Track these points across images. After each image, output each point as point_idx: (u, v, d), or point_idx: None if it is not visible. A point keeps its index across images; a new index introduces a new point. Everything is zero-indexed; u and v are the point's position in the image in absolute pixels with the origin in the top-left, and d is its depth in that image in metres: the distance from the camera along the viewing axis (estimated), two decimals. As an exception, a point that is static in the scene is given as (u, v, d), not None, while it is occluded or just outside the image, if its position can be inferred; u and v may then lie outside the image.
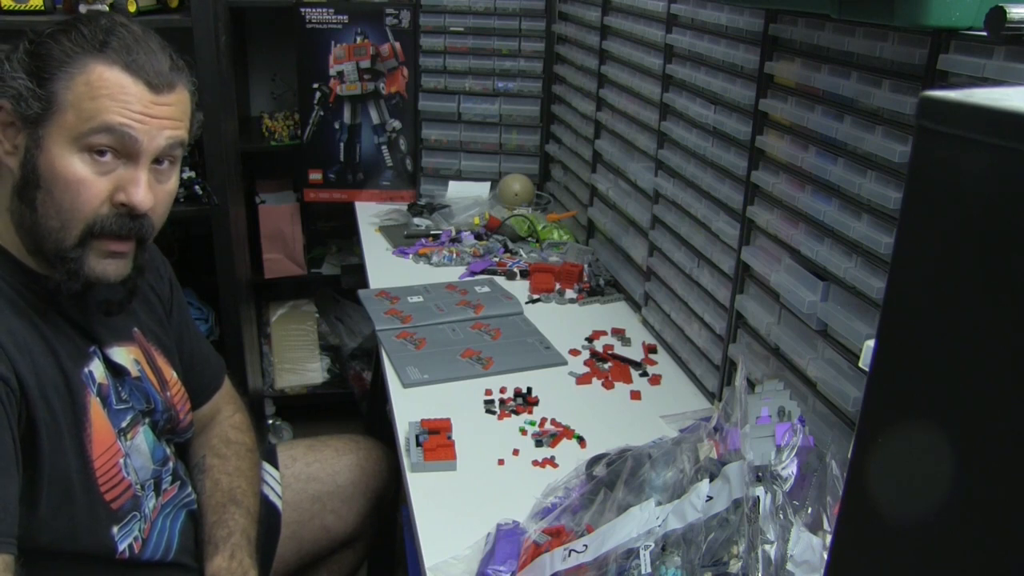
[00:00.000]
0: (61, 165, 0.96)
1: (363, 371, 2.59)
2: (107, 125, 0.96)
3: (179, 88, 1.03)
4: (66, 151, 0.96)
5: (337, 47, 2.27)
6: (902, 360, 0.46)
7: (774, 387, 1.14)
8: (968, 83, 0.84)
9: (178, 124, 1.03)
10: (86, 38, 0.97)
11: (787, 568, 0.85)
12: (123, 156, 0.99)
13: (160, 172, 1.03)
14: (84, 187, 0.97)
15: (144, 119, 0.99)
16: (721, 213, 1.34)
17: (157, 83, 0.99)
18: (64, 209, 0.97)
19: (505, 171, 2.31)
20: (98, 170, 0.97)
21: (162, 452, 1.16)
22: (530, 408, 1.38)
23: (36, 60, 0.96)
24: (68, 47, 0.96)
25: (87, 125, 0.96)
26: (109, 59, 0.97)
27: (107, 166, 0.98)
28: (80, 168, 0.97)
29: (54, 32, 0.98)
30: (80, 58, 0.96)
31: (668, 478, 0.98)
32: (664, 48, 1.53)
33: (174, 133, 1.02)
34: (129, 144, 0.98)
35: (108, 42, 0.97)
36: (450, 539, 1.06)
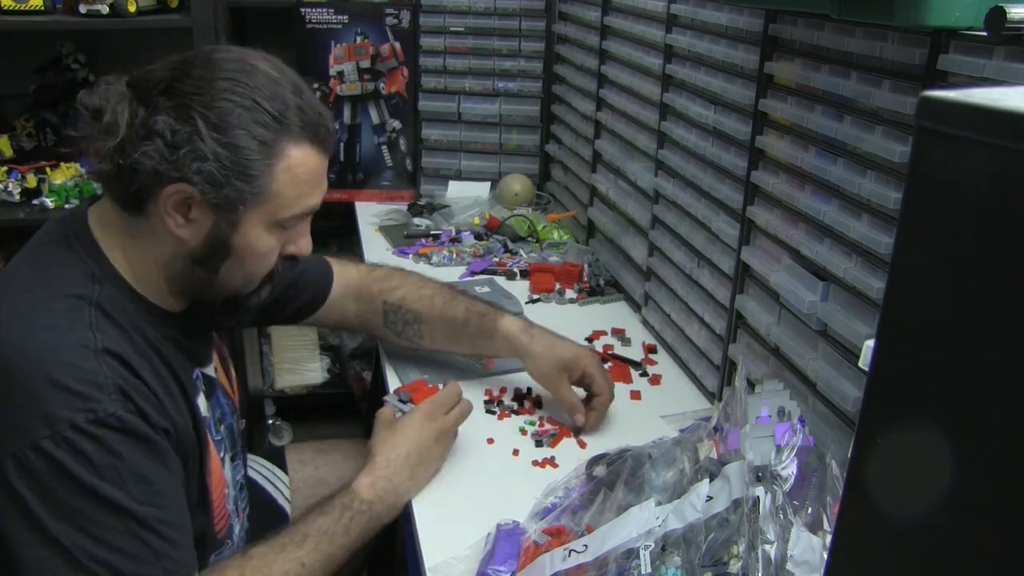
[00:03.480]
0: (259, 243, 1.00)
1: (363, 371, 2.59)
2: (308, 210, 1.03)
3: None
4: (263, 230, 0.99)
5: (337, 47, 2.27)
6: (902, 360, 0.46)
7: (774, 387, 1.14)
8: (968, 83, 0.84)
9: None
10: (272, 116, 0.94)
11: (787, 568, 0.85)
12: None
13: None
14: (270, 256, 1.03)
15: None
16: (721, 213, 1.34)
17: (329, 146, 1.02)
18: (251, 273, 1.04)
19: (505, 171, 2.31)
20: (281, 237, 1.03)
21: (228, 454, 1.17)
22: (531, 408, 1.38)
23: (227, 150, 0.92)
24: (260, 132, 0.93)
25: (289, 211, 0.99)
26: (299, 138, 0.97)
27: (287, 232, 1.03)
28: (273, 241, 1.01)
29: (229, 107, 0.92)
30: (276, 144, 0.95)
31: (668, 478, 0.98)
32: (664, 48, 1.53)
33: None
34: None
35: (294, 118, 0.96)
36: (450, 539, 1.06)
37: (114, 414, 0.88)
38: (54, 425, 0.85)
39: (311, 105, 0.98)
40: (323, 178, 1.03)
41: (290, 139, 0.96)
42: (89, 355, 0.89)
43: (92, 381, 0.88)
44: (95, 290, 0.94)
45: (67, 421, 0.86)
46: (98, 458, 0.87)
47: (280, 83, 0.96)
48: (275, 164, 0.95)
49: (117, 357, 0.91)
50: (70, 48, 2.21)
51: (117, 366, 0.90)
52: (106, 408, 0.87)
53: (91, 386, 0.87)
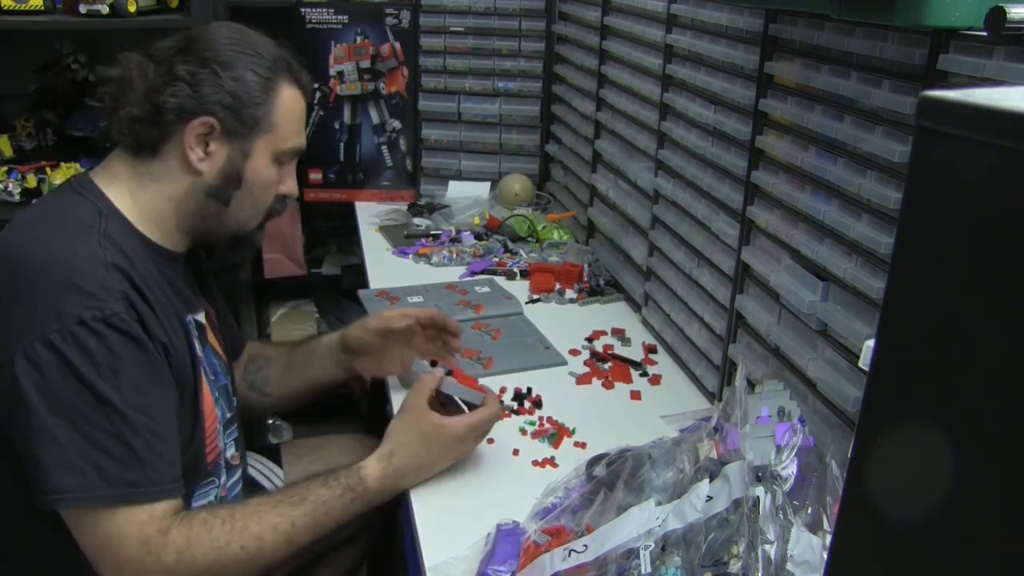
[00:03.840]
0: (265, 172, 1.14)
1: (363, 371, 2.59)
2: (300, 147, 1.19)
3: None
4: (268, 161, 1.14)
5: (337, 47, 2.27)
6: (902, 360, 0.46)
7: (774, 387, 1.14)
8: (968, 83, 0.84)
9: None
10: (267, 59, 1.12)
11: (787, 568, 0.85)
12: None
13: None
14: (273, 188, 1.17)
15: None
16: (721, 213, 1.34)
17: (309, 92, 1.20)
18: (257, 205, 1.17)
19: (505, 171, 2.31)
20: (279, 174, 1.17)
21: (226, 414, 1.22)
22: (531, 408, 1.38)
23: (238, 82, 1.09)
24: (261, 71, 1.11)
25: (287, 145, 1.15)
26: (289, 80, 1.15)
27: (281, 170, 1.18)
28: (274, 174, 1.16)
29: (234, 54, 1.10)
30: (273, 82, 1.12)
31: (668, 478, 0.98)
32: (664, 48, 1.53)
33: None
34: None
35: (283, 64, 1.14)
36: (450, 539, 1.06)
37: (118, 313, 0.96)
38: (64, 319, 0.94)
39: (293, 57, 1.17)
40: (305, 121, 1.20)
41: (283, 79, 1.14)
42: (99, 264, 0.99)
43: (103, 284, 0.97)
44: (102, 222, 1.04)
45: (75, 316, 0.95)
46: (99, 355, 0.95)
47: (266, 41, 1.16)
48: (274, 98, 1.12)
49: (123, 272, 1.00)
50: (70, 48, 2.21)
51: (123, 279, 1.00)
52: (112, 307, 0.96)
53: (101, 288, 0.97)
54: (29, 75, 2.24)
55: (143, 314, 1.00)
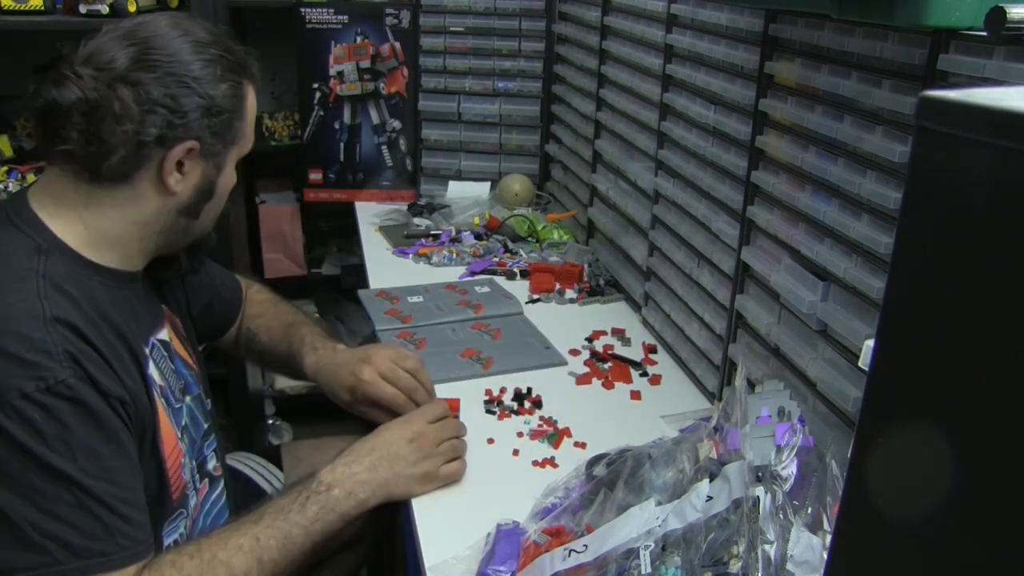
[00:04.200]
0: (230, 180, 1.11)
1: (363, 371, 2.59)
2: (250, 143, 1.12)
3: None
4: (232, 168, 1.10)
5: (337, 47, 2.27)
6: (902, 360, 0.46)
7: (774, 387, 1.14)
8: (968, 83, 0.84)
9: None
10: (227, 58, 1.04)
11: (787, 568, 0.85)
12: None
13: None
14: (230, 189, 1.13)
15: None
16: (721, 213, 1.34)
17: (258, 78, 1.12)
18: (218, 211, 1.13)
19: (505, 171, 2.31)
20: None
21: (202, 427, 1.18)
22: (531, 408, 1.38)
23: (214, 99, 1.01)
24: (230, 77, 1.04)
25: (249, 147, 1.11)
26: (251, 78, 1.09)
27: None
28: (235, 177, 1.12)
29: (204, 64, 1.01)
30: (241, 84, 1.06)
31: (668, 478, 0.98)
32: (664, 48, 1.53)
33: None
34: None
35: (249, 61, 1.08)
36: (450, 539, 1.06)
37: (63, 381, 0.88)
38: (3, 394, 0.86)
39: (235, 44, 1.08)
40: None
41: (248, 80, 1.08)
42: (38, 324, 0.89)
43: (42, 349, 0.88)
44: (41, 261, 0.95)
45: (16, 390, 0.86)
46: (47, 428, 0.87)
47: (215, 32, 1.06)
48: (244, 106, 1.07)
49: (67, 324, 0.91)
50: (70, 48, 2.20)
51: (67, 333, 0.91)
52: (56, 375, 0.88)
53: (41, 354, 0.88)
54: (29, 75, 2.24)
55: (92, 371, 0.91)
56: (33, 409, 0.87)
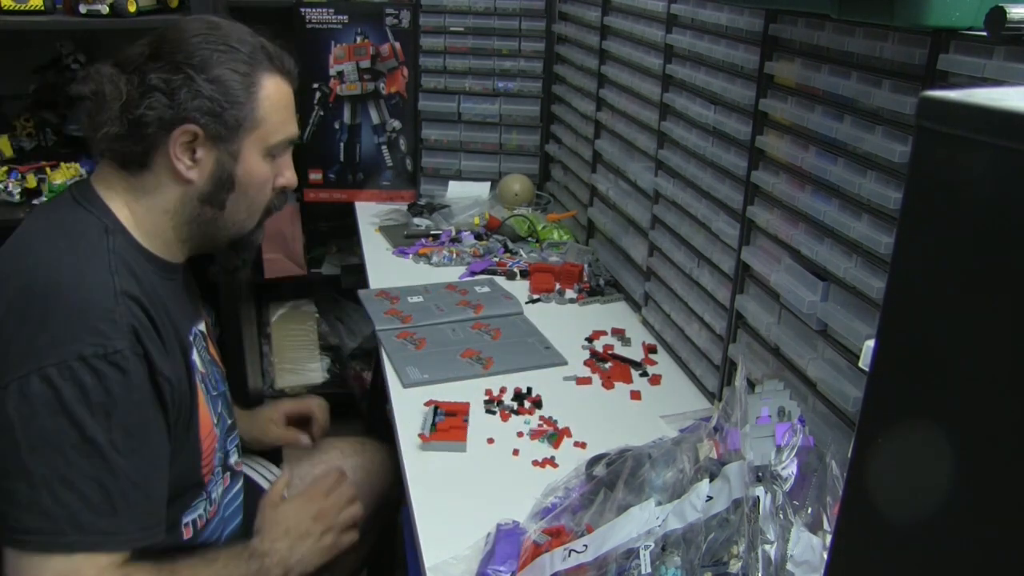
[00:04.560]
0: (258, 171, 1.11)
1: (363, 371, 2.59)
2: (292, 137, 1.15)
3: None
4: (259, 158, 1.11)
5: (337, 47, 2.27)
6: (902, 360, 0.46)
7: (774, 387, 1.14)
8: (968, 83, 0.84)
9: None
10: (244, 53, 1.08)
11: (787, 568, 0.85)
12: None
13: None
14: (269, 184, 1.14)
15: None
16: (721, 213, 1.34)
17: (294, 77, 1.15)
18: (253, 204, 1.14)
19: (505, 171, 2.31)
20: (273, 168, 1.14)
21: (226, 422, 1.22)
22: (531, 408, 1.38)
23: (216, 84, 1.04)
24: (239, 67, 1.07)
25: (277, 138, 1.11)
26: (271, 70, 1.10)
27: (276, 163, 1.14)
28: (268, 170, 1.13)
29: (208, 53, 1.05)
30: (253, 75, 1.08)
31: (668, 478, 0.98)
32: (664, 48, 1.53)
33: None
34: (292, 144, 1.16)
35: (261, 55, 1.10)
36: (450, 539, 1.06)
37: (121, 351, 0.93)
38: (64, 354, 0.91)
39: (271, 44, 1.13)
40: (294, 108, 1.15)
41: (263, 71, 1.09)
42: (109, 294, 0.96)
43: (110, 318, 0.94)
44: (110, 240, 1.02)
45: (76, 352, 0.92)
46: (94, 394, 0.92)
47: (240, 30, 1.11)
48: (257, 92, 1.08)
49: (135, 299, 0.98)
50: (70, 48, 2.21)
51: (134, 308, 0.97)
52: (116, 344, 0.93)
53: (107, 322, 0.94)
54: (29, 75, 2.24)
55: (150, 347, 0.97)
56: (86, 372, 0.92)
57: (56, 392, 0.90)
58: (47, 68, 2.23)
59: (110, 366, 0.93)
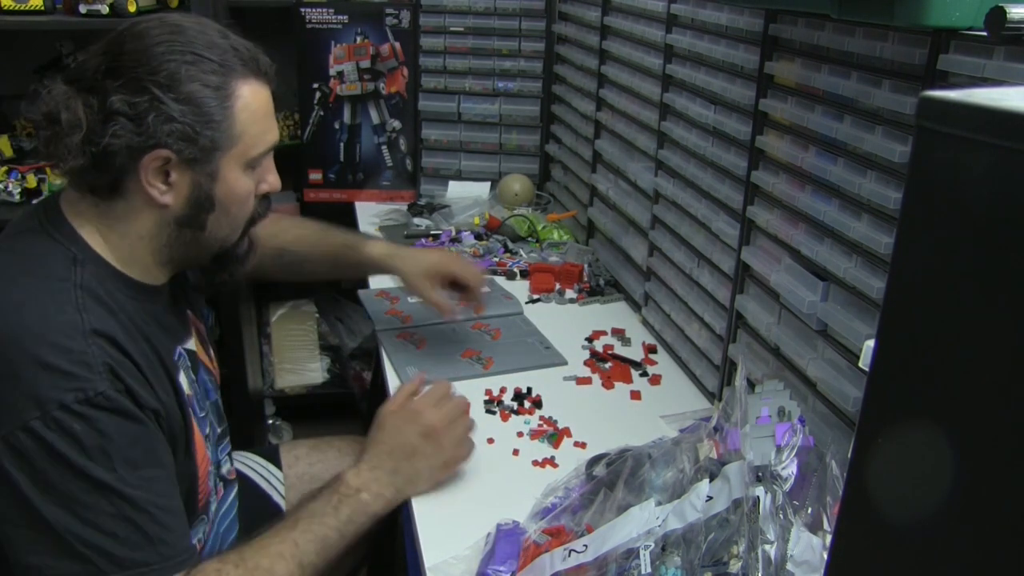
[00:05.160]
0: (238, 187, 1.03)
1: (363, 371, 2.59)
2: (273, 143, 1.06)
3: None
4: (240, 173, 1.03)
5: (337, 47, 2.27)
6: (902, 360, 0.46)
7: (774, 387, 1.14)
8: (968, 83, 0.84)
9: None
10: (215, 62, 0.98)
11: (787, 568, 0.85)
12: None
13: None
14: (251, 196, 1.07)
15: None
16: (721, 213, 1.34)
17: (271, 77, 1.06)
18: (236, 219, 1.06)
19: (505, 171, 2.31)
20: (254, 177, 1.06)
21: (217, 432, 1.19)
22: (531, 408, 1.38)
23: (187, 104, 0.95)
24: (211, 79, 0.97)
25: (257, 150, 1.03)
26: (245, 75, 1.01)
27: (257, 171, 1.06)
28: (249, 183, 1.05)
29: (175, 67, 0.95)
30: (227, 87, 0.99)
31: (668, 478, 0.98)
32: (664, 48, 1.53)
33: None
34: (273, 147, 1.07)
35: (233, 60, 1.00)
36: (450, 539, 1.06)
37: (103, 392, 0.88)
38: (44, 406, 0.86)
39: (243, 44, 1.03)
40: (273, 110, 1.07)
41: (238, 78, 1.00)
42: (77, 335, 0.90)
43: (81, 361, 0.88)
44: (77, 273, 0.95)
45: (56, 402, 0.86)
46: (88, 439, 0.88)
47: (207, 32, 1.00)
48: (233, 105, 0.99)
49: (105, 336, 0.92)
50: (70, 48, 2.21)
51: (106, 345, 0.91)
52: (95, 387, 0.88)
53: (81, 366, 0.88)
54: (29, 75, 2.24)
55: (130, 383, 0.92)
56: (73, 420, 0.87)
57: (47, 444, 0.86)
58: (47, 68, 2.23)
59: (96, 409, 0.88)
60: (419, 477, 1.15)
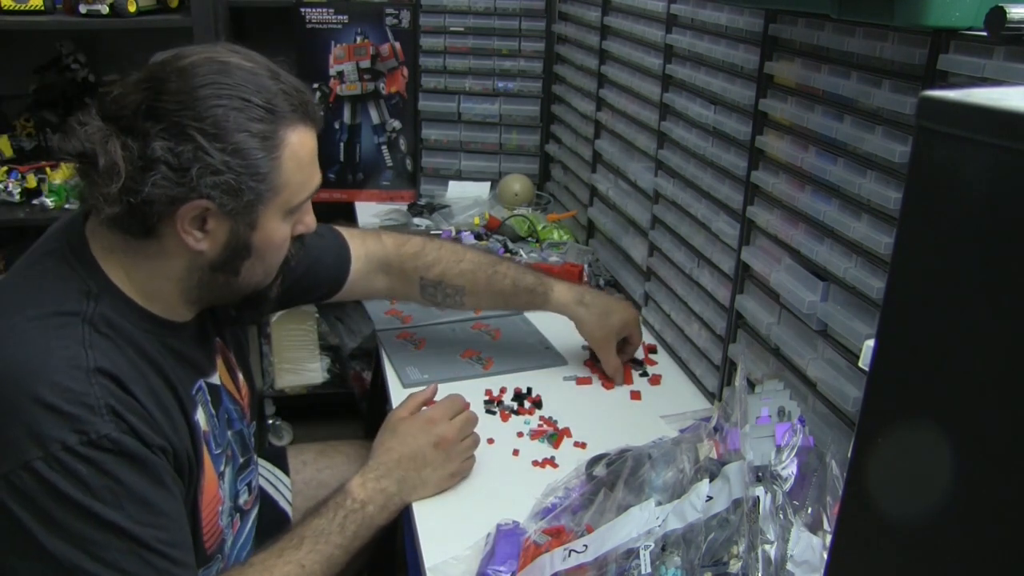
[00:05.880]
0: (278, 236, 1.00)
1: (363, 371, 2.59)
2: (315, 190, 1.04)
3: None
4: (280, 222, 1.00)
5: (337, 47, 2.27)
6: (902, 360, 0.46)
7: (774, 387, 1.14)
8: (968, 83, 0.84)
9: None
10: (264, 108, 0.93)
11: (787, 568, 0.85)
12: None
13: None
14: (287, 243, 1.04)
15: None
16: (721, 213, 1.34)
17: (318, 120, 1.02)
18: (271, 265, 1.04)
19: (505, 171, 2.31)
20: (292, 222, 1.04)
21: (238, 462, 1.16)
22: (531, 408, 1.38)
23: (233, 156, 0.90)
24: (258, 127, 0.92)
25: (301, 196, 1.01)
26: (293, 122, 0.96)
27: (295, 216, 1.04)
28: (287, 229, 1.02)
29: (222, 113, 0.90)
30: (275, 136, 0.94)
31: (668, 478, 0.98)
32: (664, 48, 1.53)
33: None
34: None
35: (283, 104, 0.95)
36: (450, 539, 1.06)
37: (107, 435, 0.86)
38: (46, 446, 0.83)
39: (293, 86, 0.97)
40: (317, 156, 1.03)
41: (286, 126, 0.95)
42: (80, 375, 0.87)
43: (83, 402, 0.85)
44: (89, 306, 0.92)
45: (59, 442, 0.84)
46: (93, 480, 0.85)
47: (257, 72, 0.95)
48: (280, 155, 0.95)
49: (108, 375, 0.88)
50: (70, 48, 2.21)
51: (109, 384, 0.88)
52: (99, 430, 0.85)
53: (82, 407, 0.85)
54: (29, 75, 2.25)
55: (134, 423, 0.88)
56: (77, 462, 0.84)
57: (51, 485, 0.83)
58: (47, 68, 2.23)
59: (100, 451, 0.85)
60: (424, 485, 1.15)
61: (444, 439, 1.16)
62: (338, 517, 1.08)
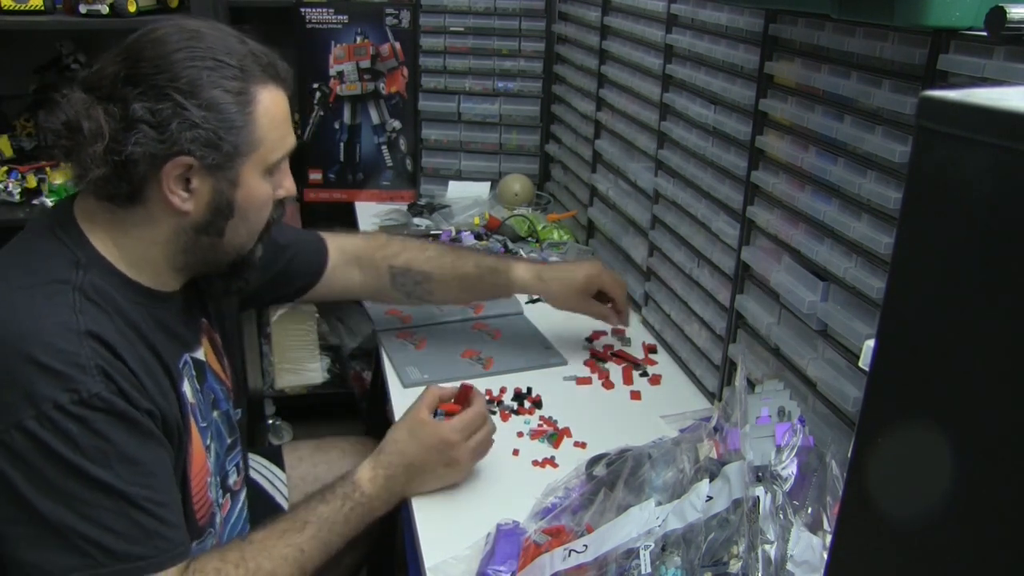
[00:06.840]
0: (258, 193, 1.03)
1: (363, 371, 2.59)
2: (291, 148, 1.07)
3: None
4: (260, 180, 1.03)
5: (337, 47, 2.27)
6: (902, 360, 0.46)
7: (774, 387, 1.14)
8: (968, 83, 0.84)
9: None
10: (234, 66, 0.98)
11: (787, 568, 0.85)
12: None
13: None
14: (269, 202, 1.07)
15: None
16: (721, 213, 1.34)
17: (288, 82, 1.06)
18: (254, 225, 1.07)
19: (505, 171, 2.31)
20: (272, 183, 1.06)
21: (225, 442, 1.18)
22: (531, 408, 1.38)
23: (209, 110, 0.95)
24: (231, 84, 0.97)
25: (276, 155, 1.04)
26: (264, 81, 1.01)
27: (274, 177, 1.06)
28: (268, 188, 1.05)
29: (196, 73, 0.95)
30: (247, 92, 0.99)
31: (668, 478, 0.98)
32: (664, 48, 1.53)
33: None
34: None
35: (252, 65, 1.00)
36: (450, 539, 1.06)
37: (98, 394, 0.88)
38: (38, 405, 0.86)
39: (260, 49, 1.02)
40: (290, 116, 1.07)
41: (257, 83, 1.00)
42: (71, 336, 0.90)
43: (74, 362, 0.88)
44: (79, 275, 0.95)
45: (51, 401, 0.87)
46: (83, 439, 0.88)
47: (225, 37, 1.00)
48: (253, 111, 0.99)
49: (99, 339, 0.91)
50: (70, 48, 2.21)
51: (99, 348, 0.91)
52: (89, 388, 0.88)
53: (73, 367, 0.88)
54: (29, 75, 2.24)
55: (123, 385, 0.91)
56: (68, 420, 0.87)
57: (43, 443, 0.86)
58: (47, 68, 2.23)
59: (91, 410, 0.88)
60: (425, 487, 1.17)
61: (456, 462, 1.16)
62: (345, 508, 1.09)
